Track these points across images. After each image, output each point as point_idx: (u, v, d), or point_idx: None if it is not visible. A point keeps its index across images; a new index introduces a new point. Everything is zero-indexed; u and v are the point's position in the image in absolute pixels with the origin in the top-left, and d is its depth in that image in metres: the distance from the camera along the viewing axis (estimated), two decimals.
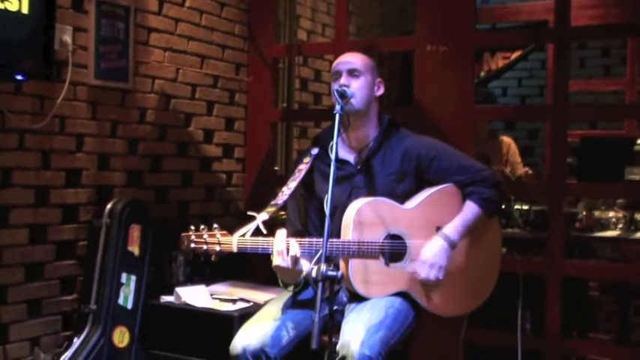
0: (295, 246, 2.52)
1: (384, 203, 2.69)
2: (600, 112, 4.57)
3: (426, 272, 2.64)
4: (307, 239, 2.59)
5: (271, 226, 2.57)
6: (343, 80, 2.75)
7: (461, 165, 2.79)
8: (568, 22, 3.66)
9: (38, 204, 3.44)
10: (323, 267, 2.27)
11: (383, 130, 2.85)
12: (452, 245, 2.68)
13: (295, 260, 2.52)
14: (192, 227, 2.57)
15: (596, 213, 4.53)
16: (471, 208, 2.72)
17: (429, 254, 2.65)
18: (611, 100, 6.74)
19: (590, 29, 4.67)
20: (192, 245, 2.54)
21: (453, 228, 2.70)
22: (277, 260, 2.52)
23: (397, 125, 2.90)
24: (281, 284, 2.74)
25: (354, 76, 2.76)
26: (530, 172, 5.43)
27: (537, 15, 5.67)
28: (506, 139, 5.65)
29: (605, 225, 4.48)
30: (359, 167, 2.82)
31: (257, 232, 2.54)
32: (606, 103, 6.67)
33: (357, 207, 2.64)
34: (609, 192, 4.07)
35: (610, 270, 4.01)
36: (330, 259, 2.46)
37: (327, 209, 2.40)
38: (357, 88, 2.74)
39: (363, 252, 2.60)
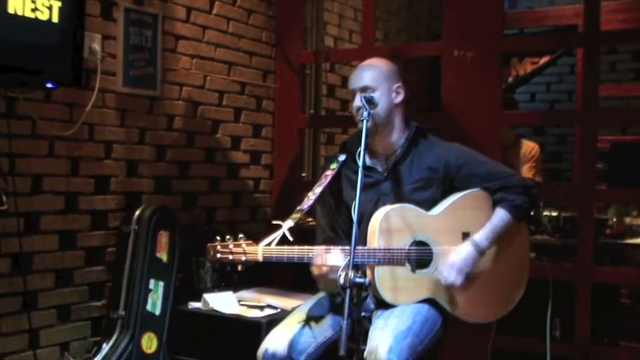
0: (339, 255, 2.52)
1: (410, 210, 2.68)
2: (630, 116, 4.52)
3: (450, 276, 2.62)
4: (348, 247, 2.58)
5: (298, 233, 2.56)
6: (356, 102, 2.73)
7: (490, 171, 2.77)
8: (597, 26, 3.62)
9: (68, 210, 3.47)
10: (351, 274, 2.26)
11: (410, 137, 2.83)
12: (480, 252, 2.66)
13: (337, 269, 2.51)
14: (218, 237, 2.58)
15: (628, 219, 4.47)
16: (500, 216, 2.70)
17: (456, 258, 2.64)
18: None
19: (621, 33, 4.62)
20: (218, 255, 2.55)
21: (482, 235, 2.67)
22: (318, 270, 2.53)
23: (424, 132, 2.87)
24: (323, 291, 2.76)
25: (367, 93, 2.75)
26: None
27: (566, 19, 5.62)
28: (529, 144, 5.60)
29: (637, 231, 4.42)
30: (385, 174, 2.81)
31: (283, 239, 2.54)
32: (637, 107, 6.58)
33: (383, 214, 2.63)
34: None
35: None
36: (358, 266, 2.45)
37: (354, 216, 2.39)
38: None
39: (388, 259, 2.60)
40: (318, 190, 2.74)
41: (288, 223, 2.56)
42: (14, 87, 3.13)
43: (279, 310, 3.57)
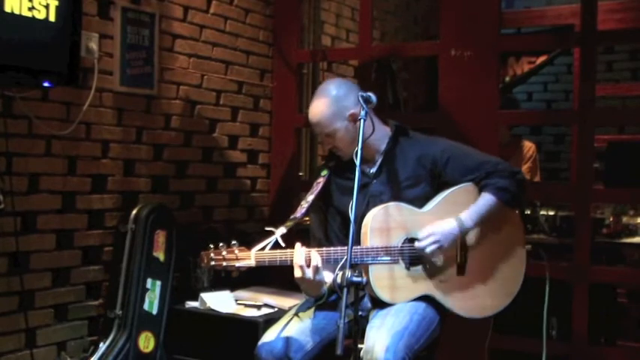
0: (316, 256, 2.52)
1: (402, 208, 2.68)
2: (627, 116, 4.53)
3: (426, 243, 2.61)
4: (325, 248, 2.59)
5: (295, 233, 2.57)
6: (326, 146, 2.84)
7: (477, 161, 2.77)
8: (594, 25, 3.62)
9: (65, 209, 3.47)
10: (348, 273, 2.27)
11: (392, 138, 2.83)
12: (462, 229, 2.66)
13: (317, 271, 2.52)
14: (211, 245, 2.58)
15: (624, 218, 4.48)
16: (484, 197, 2.70)
17: (437, 229, 2.63)
18: (639, 104, 6.65)
19: (617, 33, 4.63)
20: (212, 263, 2.55)
21: (467, 214, 2.67)
22: (298, 272, 2.52)
23: (405, 130, 2.87)
24: (305, 295, 2.75)
25: (329, 136, 2.77)
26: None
27: (563, 19, 5.62)
28: (526, 143, 5.61)
29: (634, 231, 4.43)
30: (373, 176, 2.81)
31: (276, 246, 2.55)
32: (634, 106, 6.59)
33: (374, 213, 2.63)
34: (637, 197, 4.01)
35: (638, 276, 3.96)
36: (355, 266, 2.46)
37: (351, 215, 2.39)
38: (339, 142, 2.76)
39: (381, 257, 2.60)
40: (310, 198, 2.77)
41: (281, 230, 2.59)
42: (11, 86, 3.13)
43: (276, 309, 3.57)
